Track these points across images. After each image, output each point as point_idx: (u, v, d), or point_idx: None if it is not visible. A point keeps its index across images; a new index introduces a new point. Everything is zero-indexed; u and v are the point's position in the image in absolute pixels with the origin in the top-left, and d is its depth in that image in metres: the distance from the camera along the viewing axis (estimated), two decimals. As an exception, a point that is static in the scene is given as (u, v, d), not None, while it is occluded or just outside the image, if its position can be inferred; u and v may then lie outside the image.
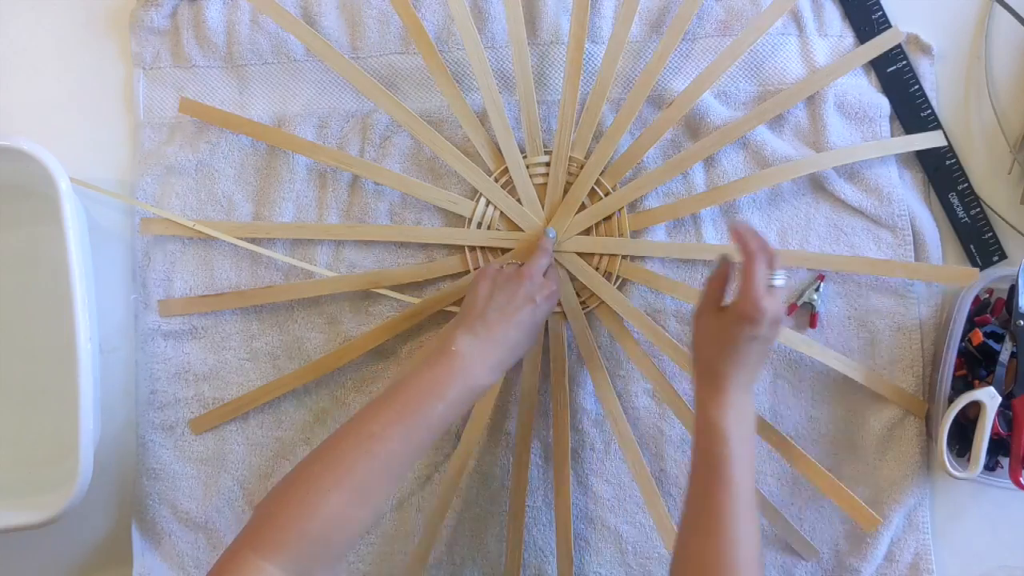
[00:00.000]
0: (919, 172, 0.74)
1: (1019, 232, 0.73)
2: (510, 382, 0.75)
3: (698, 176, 0.74)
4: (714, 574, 0.55)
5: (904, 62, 0.73)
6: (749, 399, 0.61)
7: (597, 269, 0.75)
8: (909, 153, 0.74)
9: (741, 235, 0.60)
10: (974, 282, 0.71)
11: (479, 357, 0.61)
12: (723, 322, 0.60)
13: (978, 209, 0.73)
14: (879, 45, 0.74)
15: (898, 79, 0.73)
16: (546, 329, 0.74)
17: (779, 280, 0.60)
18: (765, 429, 0.72)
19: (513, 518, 0.73)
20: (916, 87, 0.73)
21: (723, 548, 0.55)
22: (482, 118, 0.74)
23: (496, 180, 0.75)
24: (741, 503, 0.57)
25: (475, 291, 0.65)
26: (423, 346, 0.74)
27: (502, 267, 0.67)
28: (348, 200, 0.76)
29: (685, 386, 0.74)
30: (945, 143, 0.74)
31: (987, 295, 0.72)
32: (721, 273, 0.63)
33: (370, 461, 0.55)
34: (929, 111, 0.73)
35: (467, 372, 0.60)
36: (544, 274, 0.68)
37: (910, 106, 0.74)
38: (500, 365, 0.62)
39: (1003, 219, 0.74)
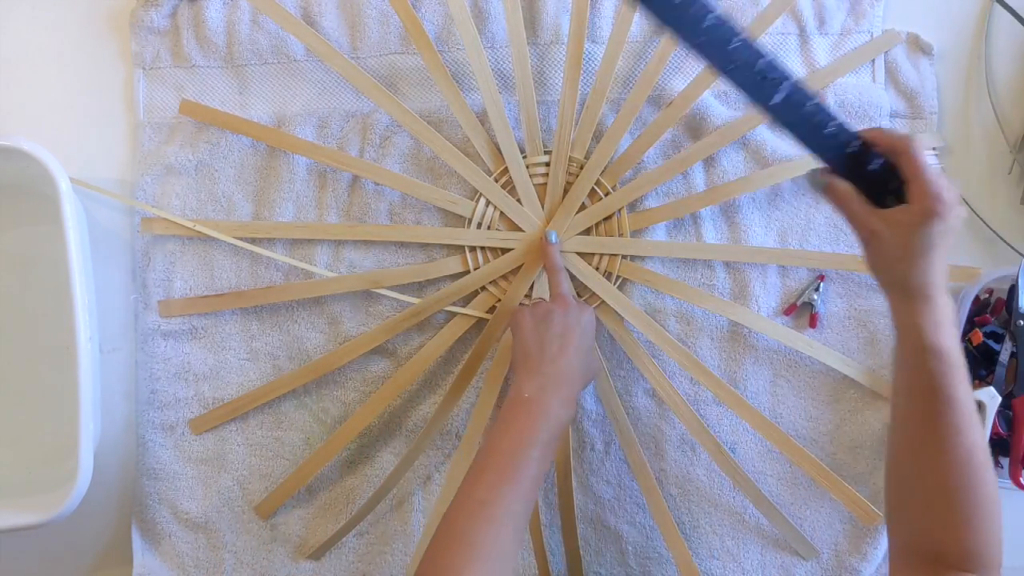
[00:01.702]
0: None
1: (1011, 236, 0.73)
2: (511, 383, 0.75)
3: (698, 176, 0.74)
4: (959, 488, 0.52)
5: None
6: (950, 300, 0.55)
7: (597, 269, 0.75)
8: (909, 153, 0.74)
9: (882, 133, 0.55)
10: (974, 282, 0.71)
11: (552, 395, 0.61)
12: (903, 227, 0.53)
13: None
14: (879, 45, 0.74)
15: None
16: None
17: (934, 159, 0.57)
18: (765, 428, 0.72)
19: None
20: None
21: (961, 459, 0.52)
22: (482, 118, 0.74)
23: (496, 180, 0.75)
24: (970, 422, 0.53)
25: (521, 335, 0.64)
26: (423, 347, 0.74)
27: (532, 305, 0.67)
28: (348, 200, 0.76)
29: (685, 386, 0.74)
30: (944, 143, 0.74)
31: (987, 295, 0.72)
32: (860, 160, 0.55)
33: (491, 526, 0.55)
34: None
35: (546, 414, 0.60)
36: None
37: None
38: (573, 395, 0.62)
39: (989, 226, 0.74)
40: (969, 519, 0.52)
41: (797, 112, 0.56)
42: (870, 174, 0.55)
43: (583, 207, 0.74)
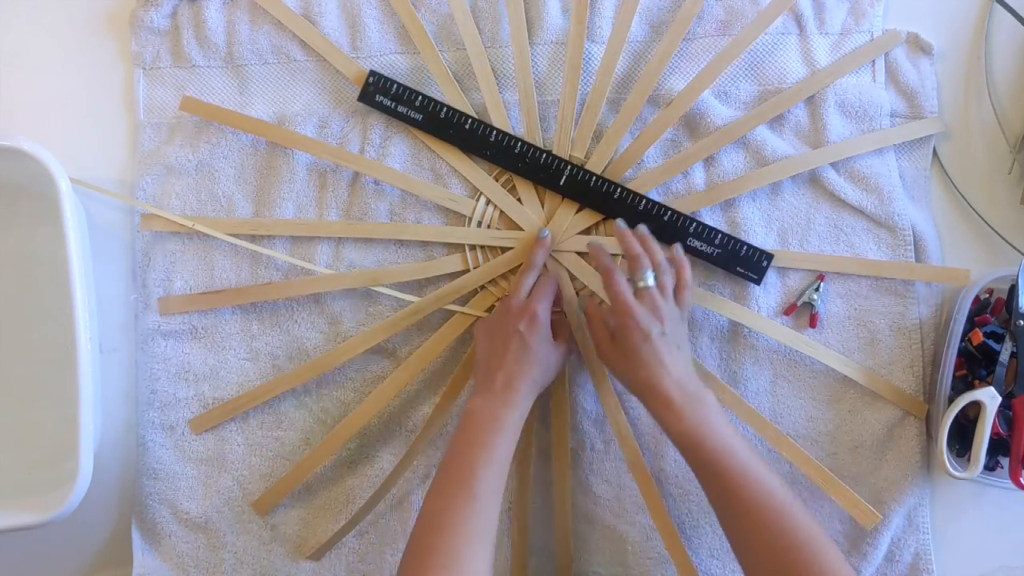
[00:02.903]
0: (919, 171, 0.74)
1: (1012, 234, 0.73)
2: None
3: (698, 175, 0.74)
4: (792, 552, 0.56)
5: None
6: (692, 389, 0.62)
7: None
8: (908, 153, 0.74)
9: (593, 255, 0.66)
10: (974, 282, 0.71)
11: (496, 404, 0.64)
12: (617, 345, 0.64)
13: (723, 236, 0.73)
14: (880, 45, 0.74)
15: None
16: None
17: (647, 280, 0.64)
18: (764, 428, 0.72)
19: (516, 518, 0.73)
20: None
21: (777, 526, 0.57)
22: (482, 118, 0.74)
23: (496, 179, 0.75)
24: (760, 481, 0.58)
25: (475, 345, 0.69)
26: (422, 346, 0.74)
27: (491, 313, 0.69)
28: (348, 200, 0.76)
29: (685, 386, 0.74)
30: (943, 129, 0.74)
31: (987, 295, 0.72)
32: (592, 309, 0.67)
33: (468, 508, 0.59)
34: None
35: (493, 420, 0.63)
36: (539, 282, 0.70)
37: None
38: (520, 399, 0.64)
39: (989, 225, 0.74)
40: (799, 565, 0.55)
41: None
42: None
43: (583, 207, 0.74)
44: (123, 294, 0.77)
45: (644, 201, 0.73)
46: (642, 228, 0.69)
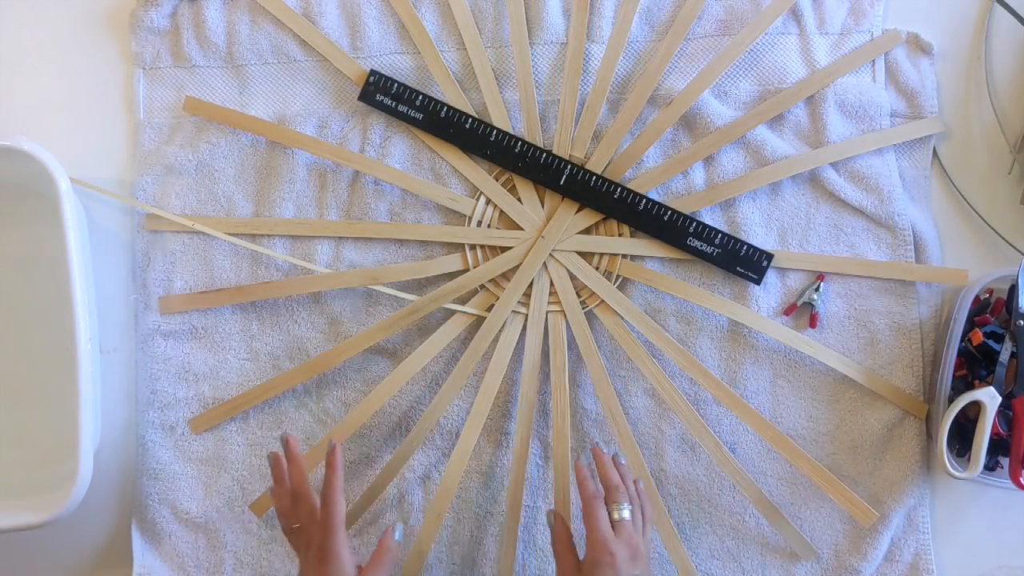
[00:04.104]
0: (919, 171, 0.74)
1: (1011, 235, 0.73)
2: (510, 382, 0.75)
3: (698, 175, 0.74)
4: None
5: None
6: None
7: (597, 268, 0.75)
8: (908, 153, 0.74)
9: (579, 479, 0.64)
10: (974, 282, 0.71)
11: None
12: (584, 573, 0.61)
13: (723, 236, 0.73)
14: (880, 45, 0.74)
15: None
16: (545, 329, 0.74)
17: (624, 512, 0.62)
18: (763, 428, 0.72)
19: (510, 513, 0.73)
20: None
21: None
22: (482, 117, 0.74)
23: (496, 179, 0.75)
24: None
25: None
26: (421, 347, 0.74)
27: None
28: (348, 200, 0.76)
29: (685, 386, 0.74)
30: (943, 129, 0.74)
31: (987, 295, 0.72)
32: (559, 532, 0.64)
33: None
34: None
35: None
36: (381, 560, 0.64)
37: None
38: None
39: (989, 225, 0.74)
40: None
41: None
42: None
43: (583, 206, 0.74)
44: (123, 294, 0.77)
45: (644, 201, 0.73)
46: (620, 457, 0.69)
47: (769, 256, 0.73)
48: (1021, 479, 0.68)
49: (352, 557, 0.62)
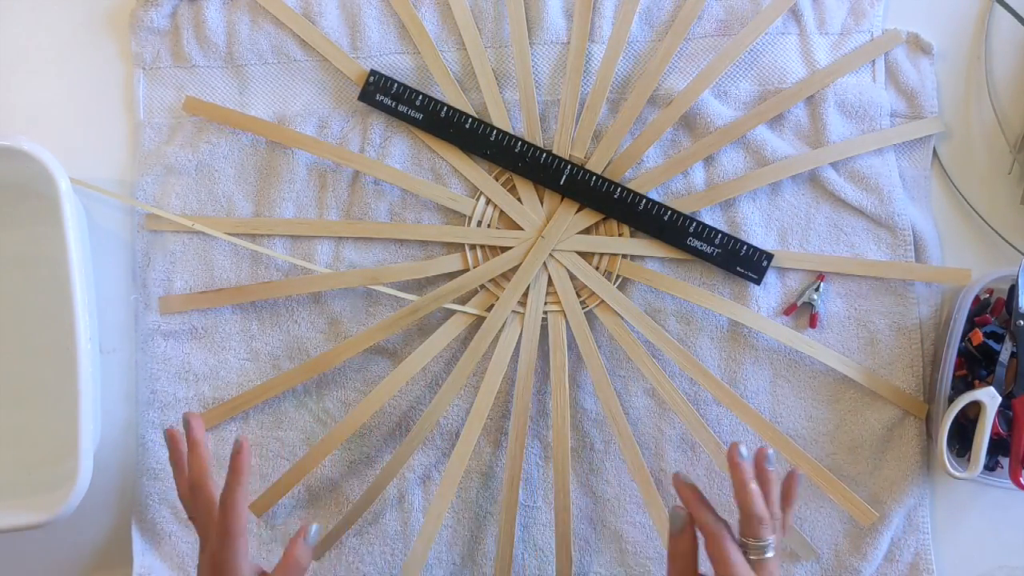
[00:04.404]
0: (919, 171, 0.74)
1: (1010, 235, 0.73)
2: (510, 382, 0.75)
3: (698, 175, 0.74)
4: None
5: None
6: None
7: (597, 268, 0.75)
8: (908, 153, 0.74)
9: (688, 501, 0.52)
10: (974, 282, 0.71)
11: None
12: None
13: (723, 236, 0.72)
14: (880, 45, 0.74)
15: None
16: (545, 329, 0.74)
17: (768, 552, 0.51)
18: (763, 428, 0.72)
19: (506, 512, 0.73)
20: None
21: None
22: (482, 117, 0.74)
23: (496, 179, 0.75)
24: None
25: None
26: (421, 347, 0.74)
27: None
28: (348, 200, 0.76)
29: (685, 386, 0.74)
30: (943, 129, 0.74)
31: (987, 295, 0.72)
32: (683, 547, 0.53)
33: None
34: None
35: None
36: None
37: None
38: None
39: (989, 225, 0.74)
40: None
41: None
42: None
43: (583, 206, 0.74)
44: (123, 294, 0.77)
45: (644, 201, 0.73)
46: (770, 453, 0.54)
47: (769, 256, 0.73)
48: (1021, 479, 0.68)
49: (251, 568, 0.56)
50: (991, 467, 0.71)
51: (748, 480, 0.52)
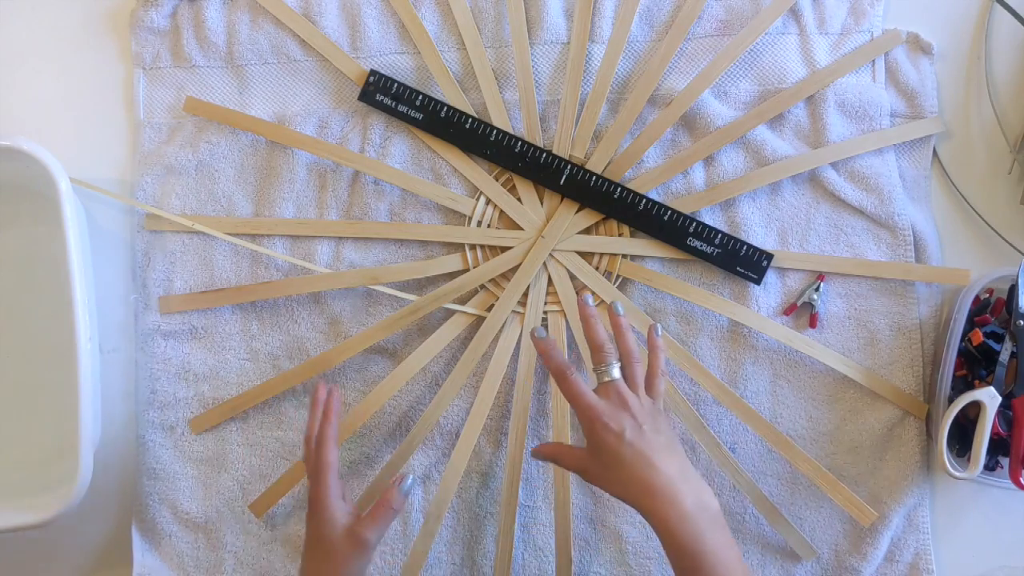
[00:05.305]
0: (919, 172, 0.74)
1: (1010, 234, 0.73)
2: (510, 382, 0.75)
3: (698, 175, 0.74)
4: None
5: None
6: (691, 491, 0.54)
7: (597, 268, 0.75)
8: (908, 153, 0.74)
9: (541, 351, 0.59)
10: (974, 282, 0.71)
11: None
12: (592, 453, 0.57)
13: (723, 236, 0.72)
14: (880, 45, 0.74)
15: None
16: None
17: (612, 371, 0.57)
18: (763, 428, 0.72)
19: (506, 512, 0.73)
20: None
21: None
22: (482, 117, 0.74)
23: (496, 179, 0.75)
24: None
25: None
26: (421, 347, 0.74)
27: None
28: (348, 200, 0.76)
29: (685, 385, 0.74)
30: (943, 129, 0.74)
31: (987, 295, 0.72)
32: (549, 450, 0.61)
33: None
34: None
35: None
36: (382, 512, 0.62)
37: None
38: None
39: (989, 225, 0.74)
40: None
41: None
42: None
43: (583, 206, 0.74)
44: (123, 294, 0.77)
45: (644, 201, 0.73)
46: (617, 306, 0.62)
47: (769, 256, 0.73)
48: (1021, 479, 0.68)
49: (344, 505, 0.60)
50: (991, 467, 0.71)
51: (589, 316, 0.61)
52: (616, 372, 0.58)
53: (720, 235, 0.72)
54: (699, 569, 0.53)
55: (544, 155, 0.74)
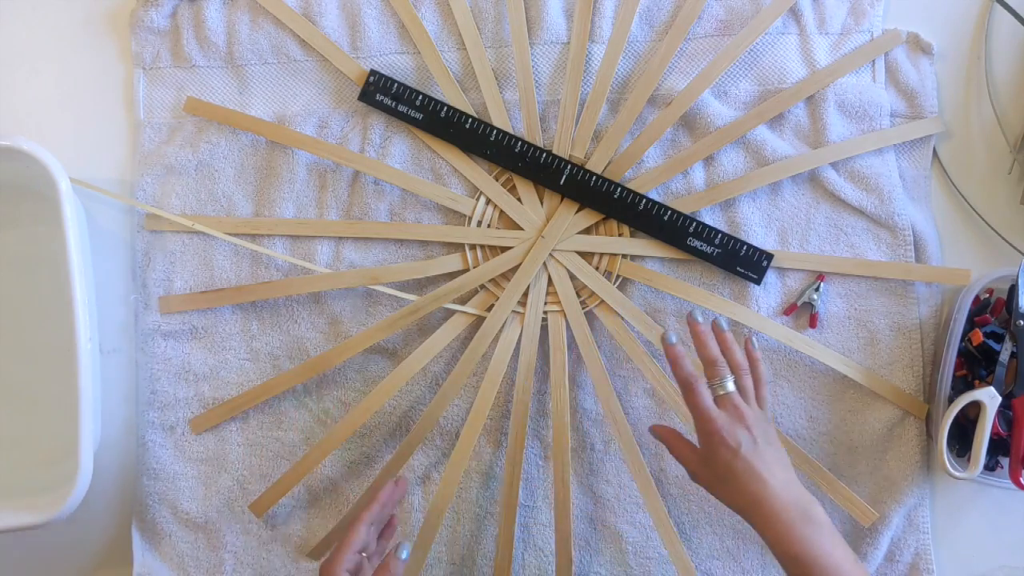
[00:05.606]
0: (919, 172, 0.74)
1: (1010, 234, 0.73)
2: (510, 382, 0.75)
3: (698, 175, 0.74)
4: None
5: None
6: (798, 502, 0.56)
7: (597, 268, 0.75)
8: (908, 153, 0.74)
9: (672, 359, 0.61)
10: (974, 282, 0.71)
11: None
12: (705, 461, 0.59)
13: (723, 236, 0.73)
14: (880, 45, 0.74)
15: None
16: (545, 329, 0.74)
17: (727, 385, 0.60)
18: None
19: (505, 512, 0.73)
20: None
21: None
22: (482, 117, 0.74)
23: (496, 179, 0.75)
24: None
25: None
26: (421, 347, 0.74)
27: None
28: (348, 200, 0.76)
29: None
30: (943, 129, 0.74)
31: (987, 295, 0.72)
32: (668, 435, 0.62)
33: None
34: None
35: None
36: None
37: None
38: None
39: (989, 225, 0.74)
40: None
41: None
42: None
43: (583, 206, 0.74)
44: (123, 294, 0.77)
45: (644, 201, 0.73)
46: (721, 322, 0.64)
47: (769, 256, 0.73)
48: (1021, 479, 0.68)
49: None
50: (991, 467, 0.71)
51: (701, 332, 0.62)
52: (731, 385, 0.60)
53: (720, 235, 0.73)
54: (809, 574, 0.54)
55: (544, 155, 0.74)
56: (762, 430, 0.59)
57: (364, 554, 0.62)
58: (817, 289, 0.73)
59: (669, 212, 0.73)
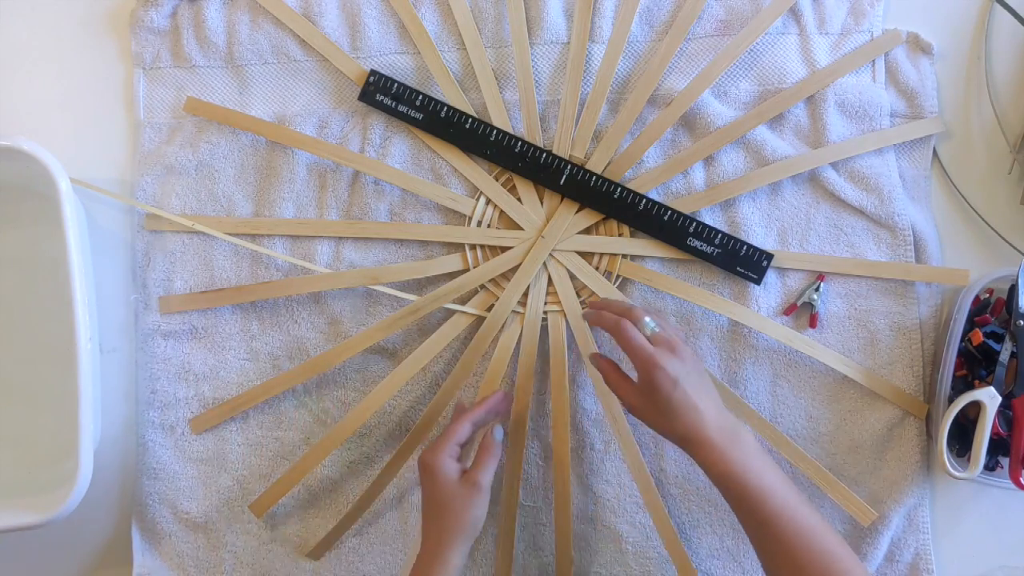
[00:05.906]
0: (919, 171, 0.74)
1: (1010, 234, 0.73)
2: (510, 382, 0.75)
3: (698, 175, 0.74)
4: None
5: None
6: (729, 428, 0.60)
7: (597, 268, 0.75)
8: (908, 153, 0.74)
9: (596, 319, 0.64)
10: (974, 282, 0.71)
11: (430, 561, 0.64)
12: (644, 394, 0.61)
13: (723, 236, 0.73)
14: (880, 45, 0.74)
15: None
16: (545, 330, 0.74)
17: (650, 325, 0.62)
18: (763, 428, 0.72)
19: (506, 512, 0.73)
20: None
21: (820, 569, 0.56)
22: (482, 117, 0.74)
23: (496, 179, 0.75)
24: (799, 522, 0.57)
25: (422, 488, 0.67)
26: (421, 347, 0.74)
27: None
28: (348, 200, 0.76)
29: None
30: (943, 129, 0.74)
31: (987, 295, 0.72)
32: (606, 366, 0.64)
33: None
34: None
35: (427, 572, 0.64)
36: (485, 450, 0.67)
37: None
38: (453, 554, 0.64)
39: (989, 225, 0.74)
40: None
41: None
42: None
43: (583, 206, 0.74)
44: (123, 294, 0.77)
45: (644, 201, 0.73)
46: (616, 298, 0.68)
47: (769, 256, 0.73)
48: (1021, 479, 0.68)
49: (454, 463, 0.65)
50: (991, 467, 0.71)
51: (597, 307, 0.65)
52: (653, 323, 0.62)
53: (720, 235, 0.73)
54: (745, 492, 0.58)
55: (544, 155, 0.74)
56: (693, 360, 0.61)
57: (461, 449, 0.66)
58: (817, 289, 0.73)
59: (669, 212, 0.73)
